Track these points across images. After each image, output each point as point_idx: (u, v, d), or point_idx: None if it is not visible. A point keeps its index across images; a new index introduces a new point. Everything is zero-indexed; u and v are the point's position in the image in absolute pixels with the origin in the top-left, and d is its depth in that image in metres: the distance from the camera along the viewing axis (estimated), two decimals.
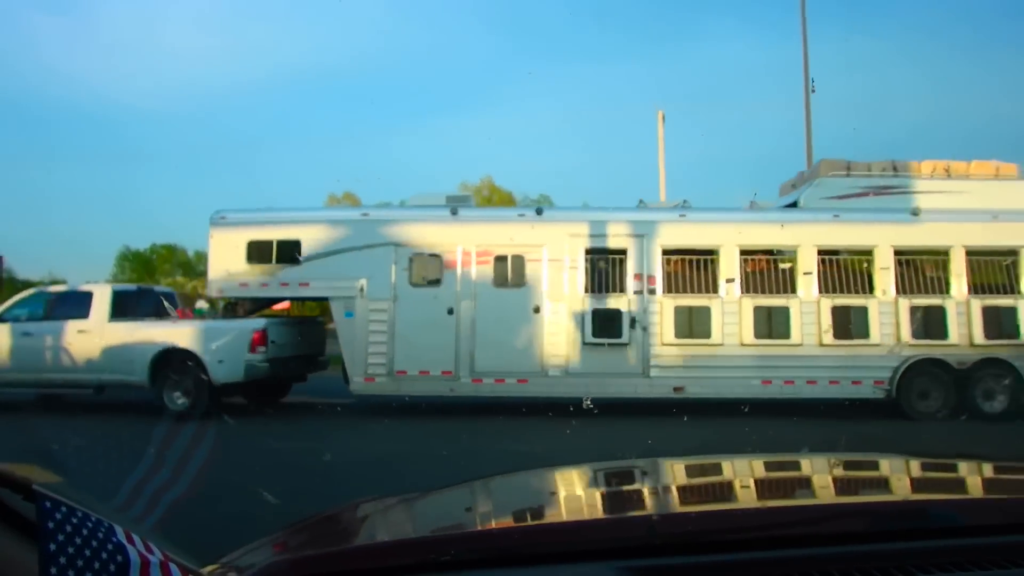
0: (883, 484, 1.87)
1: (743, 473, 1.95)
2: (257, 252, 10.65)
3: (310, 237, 10.62)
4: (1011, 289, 10.65)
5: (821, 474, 1.96)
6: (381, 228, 10.59)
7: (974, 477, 1.89)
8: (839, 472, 1.97)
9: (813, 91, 19.49)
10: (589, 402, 9.18)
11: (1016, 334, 10.44)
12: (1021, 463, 1.94)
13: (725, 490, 1.85)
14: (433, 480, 1.97)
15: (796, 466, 2.05)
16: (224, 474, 5.84)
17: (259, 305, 11.54)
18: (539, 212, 10.82)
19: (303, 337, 11.16)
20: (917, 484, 1.85)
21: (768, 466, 2.05)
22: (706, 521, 1.37)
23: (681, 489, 1.85)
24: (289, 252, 10.57)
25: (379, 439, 8.78)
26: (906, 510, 1.40)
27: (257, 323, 10.51)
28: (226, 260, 10.69)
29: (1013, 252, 10.70)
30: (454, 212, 10.65)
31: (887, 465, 2.03)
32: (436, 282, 10.55)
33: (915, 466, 2.00)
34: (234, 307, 11.32)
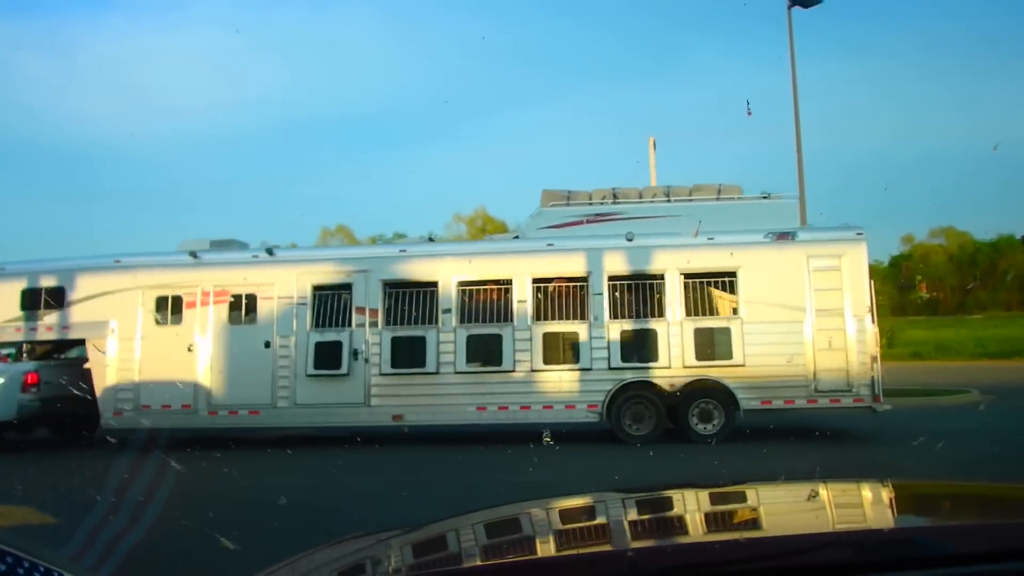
0: (868, 512, 1.81)
1: (721, 503, 1.92)
2: (29, 300, 11.74)
3: (72, 284, 11.64)
4: (726, 310, 10.71)
5: (801, 502, 1.90)
6: (130, 274, 11.52)
7: (957, 502, 1.83)
8: (820, 500, 1.89)
9: (749, 114, 19.65)
10: (548, 437, 9.04)
11: (730, 355, 10.50)
12: (996, 485, 1.88)
13: (704, 521, 1.80)
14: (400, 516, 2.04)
15: (775, 495, 1.99)
16: (187, 518, 5.63)
17: (59, 347, 12.65)
18: (270, 253, 11.53)
19: (84, 377, 12.14)
20: (902, 511, 1.80)
21: (746, 496, 2.01)
22: (686, 554, 1.34)
23: (659, 522, 1.82)
24: (55, 298, 11.62)
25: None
26: (893, 539, 1.35)
27: (28, 365, 11.58)
28: (4, 308, 11.82)
29: (730, 274, 10.75)
30: (194, 255, 11.49)
31: (870, 492, 1.97)
32: (178, 321, 11.39)
33: (899, 492, 1.95)
34: (32, 350, 12.43)
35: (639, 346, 10.65)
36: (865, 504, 1.85)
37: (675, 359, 10.55)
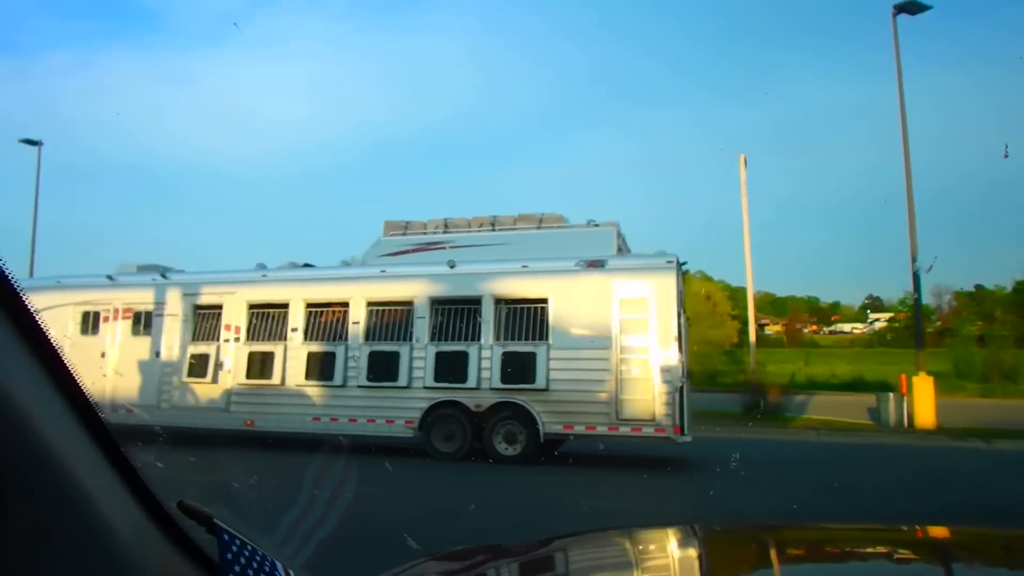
0: (1005, 563, 1.61)
1: (843, 542, 1.82)
2: None
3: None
4: (537, 336, 11.04)
5: (939, 548, 1.77)
6: (65, 292, 13.77)
7: None
8: (956, 546, 1.78)
9: (1006, 156, 18.39)
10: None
11: (533, 379, 10.84)
12: None
13: (828, 560, 1.69)
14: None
15: (906, 538, 1.85)
16: (370, 514, 6.06)
17: None
18: (164, 275, 13.30)
19: None
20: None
21: (876, 538, 1.89)
22: None
23: (788, 559, 1.71)
24: None
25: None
26: None
27: None
28: None
29: (542, 300, 11.09)
30: (111, 278, 13.54)
31: (1002, 540, 1.83)
32: (96, 333, 13.46)
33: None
34: None
35: (453, 368, 11.24)
36: (999, 554, 1.69)
37: (483, 381, 11.05)
